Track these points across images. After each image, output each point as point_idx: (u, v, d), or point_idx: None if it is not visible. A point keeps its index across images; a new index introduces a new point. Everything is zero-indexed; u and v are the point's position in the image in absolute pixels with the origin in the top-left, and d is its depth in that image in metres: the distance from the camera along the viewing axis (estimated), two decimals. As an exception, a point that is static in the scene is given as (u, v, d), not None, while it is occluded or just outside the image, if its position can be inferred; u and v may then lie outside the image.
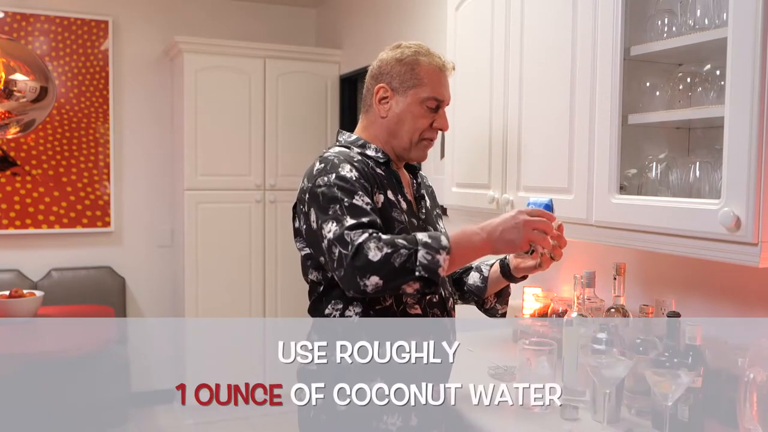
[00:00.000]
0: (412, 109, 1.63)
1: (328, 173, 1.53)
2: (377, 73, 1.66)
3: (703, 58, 1.57)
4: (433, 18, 3.14)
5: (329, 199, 1.49)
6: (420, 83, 1.62)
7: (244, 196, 4.14)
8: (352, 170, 1.52)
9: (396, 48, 1.67)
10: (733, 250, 1.32)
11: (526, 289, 2.40)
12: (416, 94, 1.62)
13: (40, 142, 4.07)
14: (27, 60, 2.89)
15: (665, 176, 1.65)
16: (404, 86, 1.62)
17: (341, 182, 1.50)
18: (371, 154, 1.64)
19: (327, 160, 1.57)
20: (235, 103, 4.10)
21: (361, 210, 1.47)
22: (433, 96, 1.62)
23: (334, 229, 1.45)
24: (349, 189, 1.49)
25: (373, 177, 1.58)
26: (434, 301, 1.62)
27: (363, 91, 1.71)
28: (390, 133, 1.65)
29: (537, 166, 1.91)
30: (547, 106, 1.86)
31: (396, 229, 1.56)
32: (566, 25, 1.76)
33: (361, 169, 1.55)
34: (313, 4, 4.71)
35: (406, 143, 1.65)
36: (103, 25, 4.17)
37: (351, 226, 1.43)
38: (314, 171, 1.57)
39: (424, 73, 1.62)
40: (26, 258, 4.04)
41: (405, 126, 1.63)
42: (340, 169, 1.52)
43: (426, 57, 1.64)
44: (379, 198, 1.56)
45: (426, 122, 1.64)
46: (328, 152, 1.62)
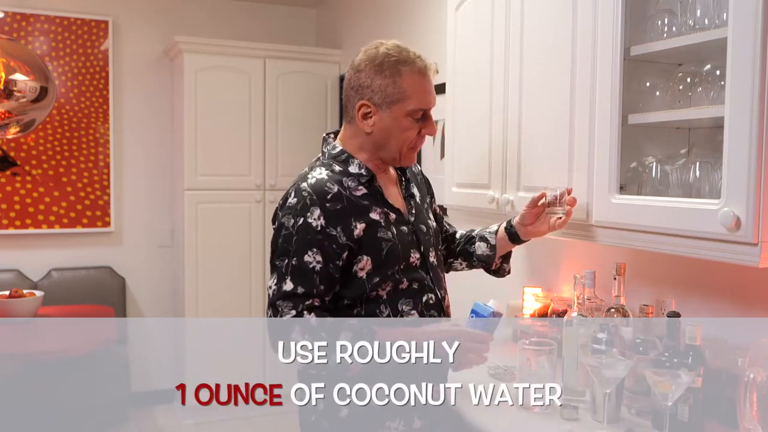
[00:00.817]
0: (398, 123, 1.57)
1: (296, 215, 1.52)
2: (357, 86, 1.58)
3: (703, 58, 1.57)
4: (433, 18, 3.14)
5: (282, 250, 1.53)
6: (404, 96, 1.55)
7: (244, 196, 4.14)
8: (321, 217, 1.51)
9: (374, 51, 1.57)
10: (733, 250, 1.32)
11: (526, 289, 2.40)
12: (402, 108, 1.56)
13: (40, 142, 4.07)
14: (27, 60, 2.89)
15: (665, 176, 1.65)
16: (387, 101, 1.55)
17: (302, 233, 1.51)
18: (354, 171, 1.60)
19: (300, 195, 1.53)
20: (235, 103, 4.10)
21: (304, 273, 1.50)
22: (419, 108, 1.57)
23: (273, 288, 1.52)
24: (306, 242, 1.50)
25: (349, 210, 1.54)
26: (431, 302, 1.64)
27: (344, 97, 1.63)
28: (377, 147, 1.61)
29: (537, 166, 1.91)
30: (547, 106, 1.86)
31: (384, 249, 1.57)
32: (566, 25, 1.76)
33: (333, 211, 1.52)
34: (313, 4, 4.71)
35: (395, 154, 1.62)
36: (103, 25, 4.17)
37: (285, 294, 1.49)
38: (287, 202, 1.56)
39: (408, 85, 1.55)
40: (26, 258, 4.04)
41: (392, 140, 1.59)
42: (308, 214, 1.51)
43: (407, 65, 1.55)
44: (361, 226, 1.55)
45: (414, 133, 1.60)
46: (305, 180, 1.57)
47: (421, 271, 1.65)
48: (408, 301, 1.61)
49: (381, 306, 1.57)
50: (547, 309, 2.21)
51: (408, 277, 1.61)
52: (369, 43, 1.62)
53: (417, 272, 1.63)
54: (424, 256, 1.66)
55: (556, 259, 2.42)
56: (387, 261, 1.58)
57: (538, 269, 2.52)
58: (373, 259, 1.56)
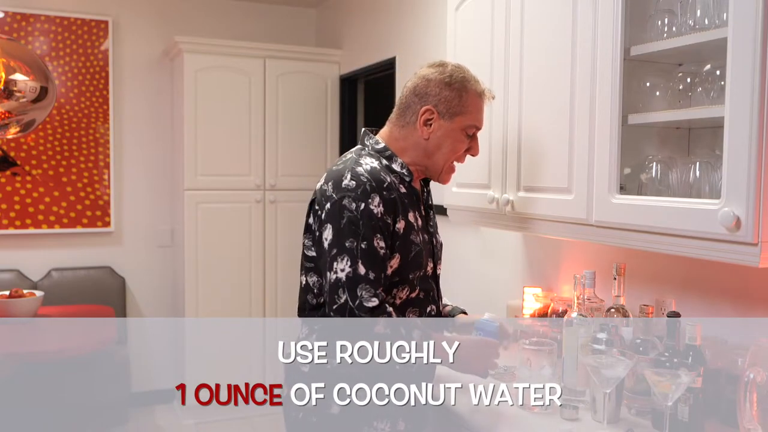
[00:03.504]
0: (454, 135, 1.65)
1: (357, 200, 1.52)
2: (423, 93, 1.65)
3: (703, 58, 1.57)
4: (433, 18, 3.14)
5: (350, 231, 1.51)
6: (465, 110, 1.65)
7: (244, 196, 4.14)
8: (380, 204, 1.53)
9: (441, 67, 1.67)
10: (733, 250, 1.32)
11: (526, 289, 2.40)
12: (462, 121, 1.65)
13: (40, 142, 4.07)
14: (27, 60, 2.89)
15: (665, 176, 1.65)
16: (450, 112, 1.64)
17: (367, 218, 1.51)
18: (396, 169, 1.66)
19: (359, 179, 1.55)
20: (235, 103, 4.10)
21: (375, 258, 1.51)
22: (474, 124, 1.67)
23: (347, 270, 1.49)
24: (372, 228, 1.51)
25: (398, 203, 1.59)
26: (432, 314, 1.69)
27: (401, 102, 1.70)
28: (427, 155, 1.67)
29: (537, 166, 1.91)
30: (547, 106, 1.86)
31: (412, 252, 1.60)
32: (566, 25, 1.76)
33: (389, 199, 1.56)
34: (313, 4, 4.71)
35: (439, 167, 1.68)
36: (103, 25, 4.17)
37: (363, 278, 1.48)
38: (342, 183, 1.55)
39: (471, 101, 1.65)
40: (26, 258, 4.04)
41: (443, 150, 1.66)
42: (370, 200, 1.52)
43: (473, 84, 1.66)
44: (401, 224, 1.58)
45: (463, 147, 1.68)
46: (359, 165, 1.59)
47: (432, 281, 1.70)
48: (415, 311, 1.63)
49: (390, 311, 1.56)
50: (547, 309, 2.21)
51: (421, 286, 1.65)
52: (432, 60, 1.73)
53: (428, 282, 1.68)
54: (434, 268, 1.72)
55: (556, 259, 2.42)
56: (411, 265, 1.61)
57: (538, 269, 2.52)
58: (401, 259, 1.59)
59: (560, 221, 1.82)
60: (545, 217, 1.88)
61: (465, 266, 2.88)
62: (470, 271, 2.89)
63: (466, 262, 2.88)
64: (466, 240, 2.87)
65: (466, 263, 2.88)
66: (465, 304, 1.94)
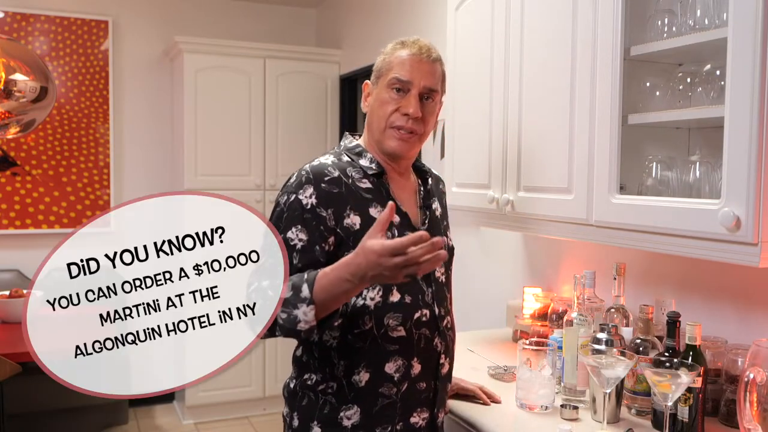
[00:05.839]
0: (380, 95, 1.54)
1: (288, 193, 1.48)
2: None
3: (703, 58, 1.57)
4: (433, 18, 3.14)
5: (275, 226, 1.44)
6: (389, 67, 1.53)
7: (244, 196, 4.14)
8: (313, 196, 1.45)
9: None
10: (733, 250, 1.32)
11: (526, 289, 2.40)
12: (384, 80, 1.54)
13: (40, 142, 4.07)
14: (27, 60, 2.89)
15: (665, 176, 1.65)
16: (377, 76, 1.56)
17: (291, 209, 1.45)
18: (364, 164, 1.54)
19: (299, 174, 1.50)
20: (235, 103, 4.10)
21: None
22: (395, 76, 1.51)
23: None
24: (293, 218, 1.44)
25: (346, 197, 1.48)
26: (423, 320, 1.50)
27: None
28: (369, 130, 1.58)
29: (537, 165, 1.91)
30: (547, 106, 1.85)
31: None
32: (566, 25, 1.76)
33: (329, 192, 1.46)
34: (313, 4, 4.71)
35: (377, 134, 1.55)
36: (103, 25, 4.18)
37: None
38: (287, 183, 1.52)
39: (393, 58, 1.53)
40: (26, 258, 4.03)
41: (374, 116, 1.55)
42: (301, 191, 1.45)
43: (405, 47, 1.54)
44: (354, 219, 1.46)
45: (391, 107, 1.51)
46: (310, 163, 1.54)
47: (423, 283, 1.52)
48: (397, 316, 1.46)
49: (365, 318, 1.45)
50: (547, 309, 2.21)
51: (401, 289, 1.48)
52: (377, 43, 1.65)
53: (414, 285, 1.49)
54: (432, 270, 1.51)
55: (556, 259, 2.42)
56: None
57: (538, 269, 2.52)
58: None
59: (560, 221, 1.82)
60: (545, 217, 1.88)
61: (465, 266, 2.88)
62: (470, 271, 2.89)
63: (466, 262, 2.88)
64: (466, 240, 2.87)
65: (466, 263, 2.88)
66: (465, 304, 1.93)
